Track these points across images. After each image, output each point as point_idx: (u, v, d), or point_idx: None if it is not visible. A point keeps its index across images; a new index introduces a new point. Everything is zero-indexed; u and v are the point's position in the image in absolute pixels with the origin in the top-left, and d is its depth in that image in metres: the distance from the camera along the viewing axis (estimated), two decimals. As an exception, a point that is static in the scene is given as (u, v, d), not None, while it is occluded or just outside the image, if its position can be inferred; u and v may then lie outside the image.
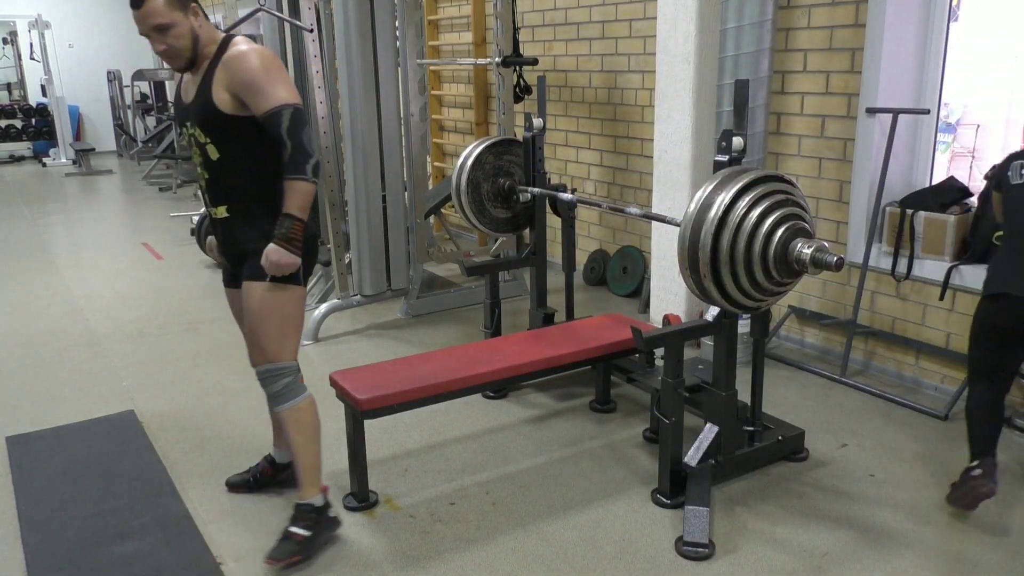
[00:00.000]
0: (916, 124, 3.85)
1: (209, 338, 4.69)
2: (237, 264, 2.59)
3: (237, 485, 2.96)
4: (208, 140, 2.43)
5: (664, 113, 4.14)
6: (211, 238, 2.74)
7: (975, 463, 2.74)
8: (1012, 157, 2.94)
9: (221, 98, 2.36)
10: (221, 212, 2.51)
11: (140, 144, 12.40)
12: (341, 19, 4.43)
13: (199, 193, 2.67)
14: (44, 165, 12.69)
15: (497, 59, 5.06)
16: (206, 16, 2.41)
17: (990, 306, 2.79)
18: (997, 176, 2.98)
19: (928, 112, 3.76)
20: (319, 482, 2.61)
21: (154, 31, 2.32)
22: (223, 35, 2.45)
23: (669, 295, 4.33)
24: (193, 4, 2.35)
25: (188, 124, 2.48)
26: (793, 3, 3.96)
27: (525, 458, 3.20)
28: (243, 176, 2.46)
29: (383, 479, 3.04)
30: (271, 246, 2.37)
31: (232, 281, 2.70)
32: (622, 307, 5.10)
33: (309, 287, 5.33)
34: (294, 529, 2.55)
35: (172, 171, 10.58)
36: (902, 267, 3.72)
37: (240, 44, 2.38)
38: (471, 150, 3.95)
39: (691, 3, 3.87)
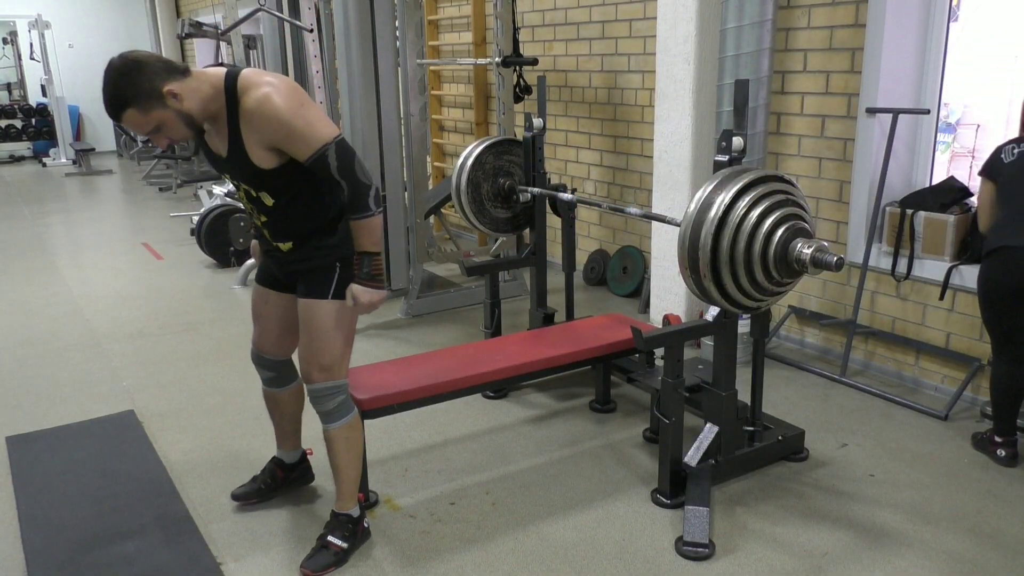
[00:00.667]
0: (916, 124, 3.85)
1: (209, 338, 4.69)
2: (290, 277, 2.52)
3: (247, 496, 2.88)
4: (259, 193, 2.34)
5: (664, 113, 4.14)
6: (255, 242, 2.67)
7: (1001, 440, 3.07)
8: (1001, 146, 3.05)
9: (259, 156, 2.22)
10: (287, 247, 2.44)
11: (140, 144, 12.40)
12: (341, 19, 4.43)
13: (253, 231, 2.56)
14: (44, 165, 12.69)
15: (497, 59, 5.06)
16: (185, 74, 2.16)
17: (992, 263, 2.93)
18: (989, 163, 3.05)
19: (928, 112, 3.76)
20: (357, 495, 2.61)
21: (148, 135, 2.20)
22: (221, 75, 2.20)
23: (669, 295, 4.33)
24: (167, 88, 2.10)
25: (231, 177, 2.38)
26: (793, 3, 3.96)
27: (525, 458, 3.20)
28: (302, 214, 2.37)
29: (383, 479, 3.04)
30: (357, 288, 2.32)
31: (271, 282, 2.61)
32: (622, 307, 5.10)
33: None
34: (332, 539, 2.54)
35: (172, 171, 10.57)
36: (902, 267, 3.72)
37: (254, 88, 2.15)
38: (471, 150, 3.94)
39: (691, 3, 3.88)
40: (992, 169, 3.04)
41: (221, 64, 2.36)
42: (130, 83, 2.08)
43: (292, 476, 2.93)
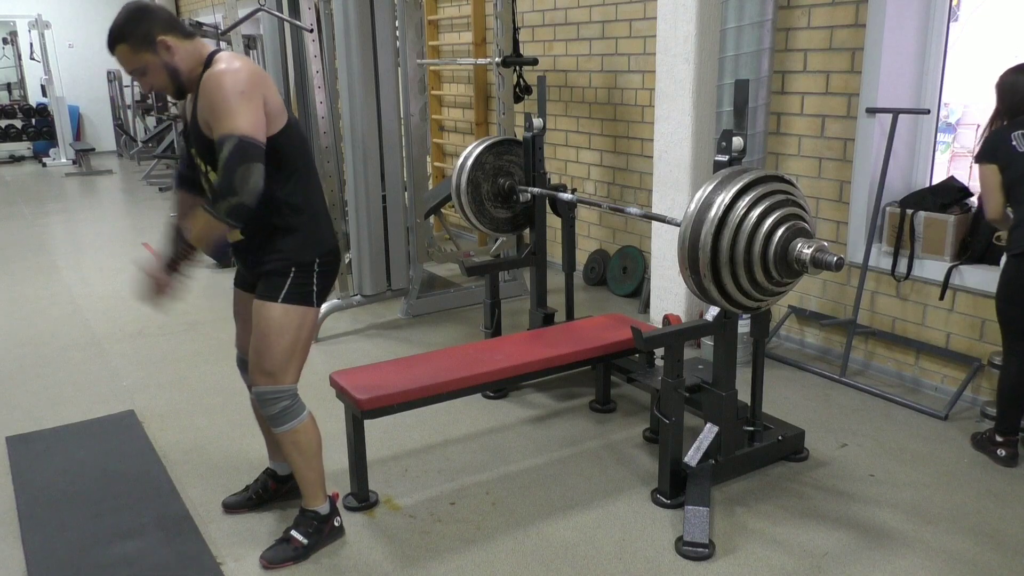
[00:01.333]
0: (916, 124, 3.85)
1: (209, 338, 4.69)
2: (254, 276, 2.52)
3: (237, 505, 2.86)
4: (207, 168, 2.38)
5: (664, 113, 4.14)
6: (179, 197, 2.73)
7: (1002, 439, 3.07)
8: (1008, 128, 2.97)
9: (205, 123, 2.28)
10: (235, 236, 2.45)
11: (140, 144, 12.41)
12: (341, 19, 4.43)
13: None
14: (44, 165, 12.69)
15: (497, 59, 5.06)
16: (188, 37, 2.30)
17: None
18: (994, 148, 2.97)
19: (928, 112, 3.76)
20: (323, 493, 2.60)
21: (132, 74, 2.30)
22: (210, 51, 2.33)
23: (669, 295, 4.33)
24: (162, 39, 2.24)
25: (191, 148, 2.43)
26: (793, 3, 3.96)
27: (525, 458, 3.20)
28: None
29: (383, 479, 3.04)
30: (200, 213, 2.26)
31: (242, 283, 2.65)
32: (622, 307, 5.10)
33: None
34: (294, 534, 2.55)
35: (172, 171, 10.57)
36: (902, 267, 3.72)
37: (219, 63, 2.25)
38: (471, 150, 3.95)
39: (691, 3, 3.88)
40: (999, 155, 2.95)
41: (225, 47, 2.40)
42: (131, 21, 2.23)
43: (285, 488, 2.89)
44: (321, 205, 2.50)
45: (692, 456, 2.85)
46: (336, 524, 2.65)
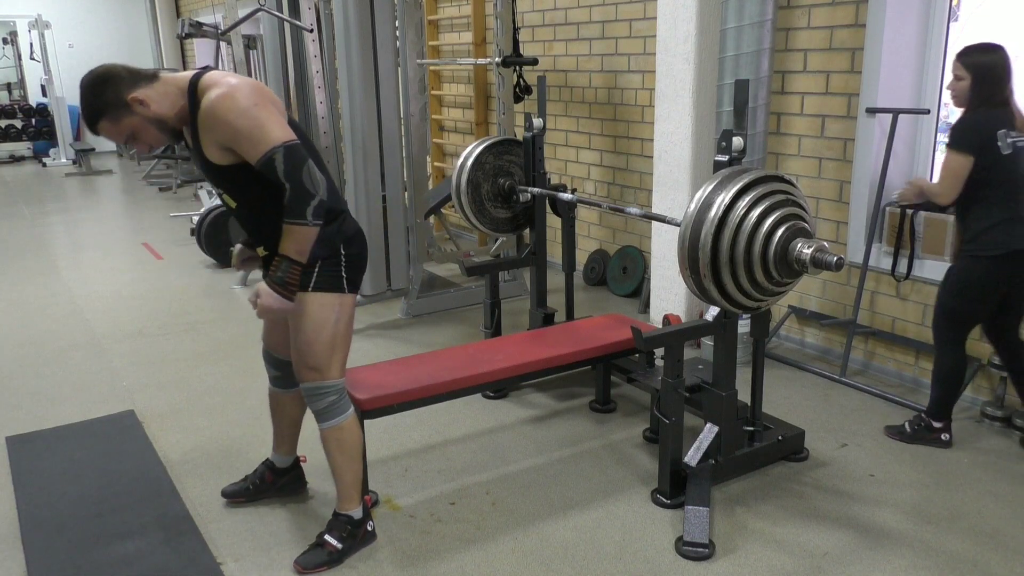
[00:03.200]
0: (916, 124, 3.85)
1: (209, 338, 4.69)
2: None
3: (235, 494, 2.89)
4: (222, 191, 2.38)
5: (664, 113, 4.14)
6: (238, 247, 2.68)
7: (940, 425, 3.21)
8: (989, 123, 2.90)
9: (214, 154, 2.25)
10: (261, 252, 2.48)
11: (140, 144, 12.39)
12: (341, 19, 4.43)
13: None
14: (44, 165, 12.68)
15: (497, 59, 5.06)
16: (153, 78, 2.24)
17: (1004, 263, 2.96)
18: (979, 143, 2.89)
19: (928, 112, 3.76)
20: (359, 496, 2.59)
21: (125, 143, 2.28)
22: (188, 78, 2.25)
23: (669, 295, 4.33)
24: (132, 96, 2.19)
25: (202, 174, 2.41)
26: (793, 3, 3.96)
27: (525, 458, 3.20)
28: (268, 217, 2.32)
29: (383, 479, 3.04)
30: (262, 286, 2.27)
31: None
32: (622, 307, 5.10)
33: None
34: (328, 538, 2.53)
35: (172, 171, 10.58)
36: (902, 267, 3.72)
37: (212, 89, 2.18)
38: (471, 150, 3.94)
39: (691, 3, 3.88)
40: (983, 152, 2.89)
41: (206, 68, 2.34)
42: (97, 96, 2.19)
43: (282, 481, 2.91)
44: (333, 198, 2.40)
45: (692, 456, 2.85)
46: (369, 528, 2.63)
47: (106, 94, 2.19)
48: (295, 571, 2.49)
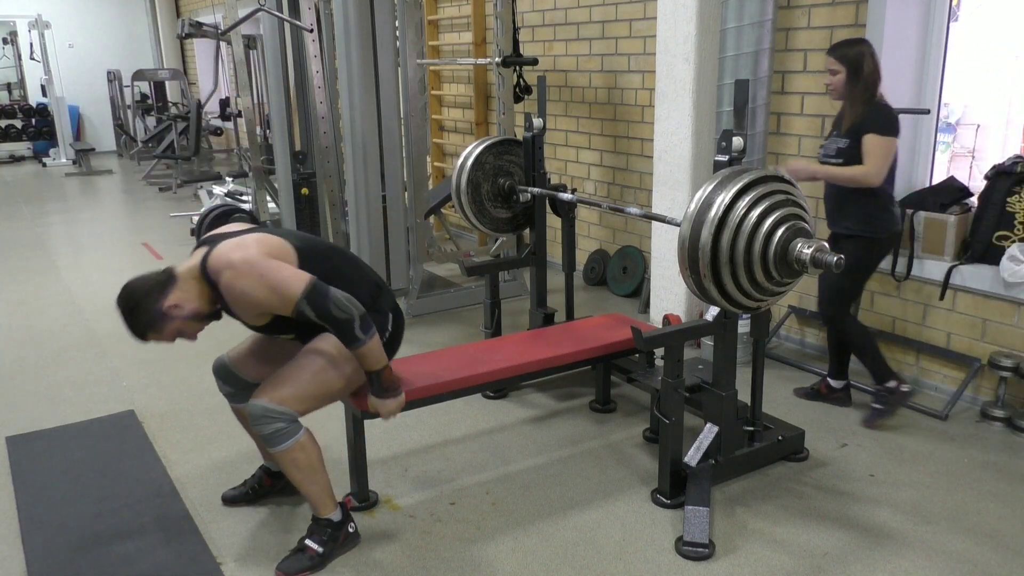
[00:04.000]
0: (916, 124, 3.84)
1: (209, 338, 4.64)
2: None
3: (235, 500, 2.88)
4: (275, 337, 2.68)
5: (664, 113, 4.14)
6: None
7: (841, 386, 3.59)
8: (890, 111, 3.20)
9: (256, 320, 2.48)
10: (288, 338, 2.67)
11: (140, 144, 12.40)
12: (341, 19, 4.43)
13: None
14: (44, 165, 12.68)
15: (497, 59, 5.06)
16: (172, 279, 2.42)
17: (886, 243, 3.34)
18: (897, 125, 3.17)
19: (928, 112, 3.75)
20: (332, 501, 2.56)
21: (175, 340, 2.48)
22: (197, 265, 2.41)
23: (669, 295, 4.33)
24: (167, 306, 2.38)
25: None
26: (793, 3, 3.96)
27: (525, 458, 3.20)
28: (310, 326, 2.47)
29: (383, 479, 3.04)
30: (375, 400, 2.49)
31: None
32: (622, 307, 5.10)
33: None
34: (309, 543, 2.52)
35: (172, 171, 10.58)
36: (902, 267, 3.72)
37: (221, 275, 2.34)
38: (471, 150, 3.94)
39: (691, 3, 3.88)
40: (898, 133, 3.19)
41: (209, 241, 2.49)
42: (137, 317, 2.40)
43: (280, 484, 2.90)
44: (364, 286, 2.57)
45: (692, 456, 2.85)
46: (351, 530, 2.61)
47: (143, 315, 2.39)
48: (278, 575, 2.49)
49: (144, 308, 2.38)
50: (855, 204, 3.24)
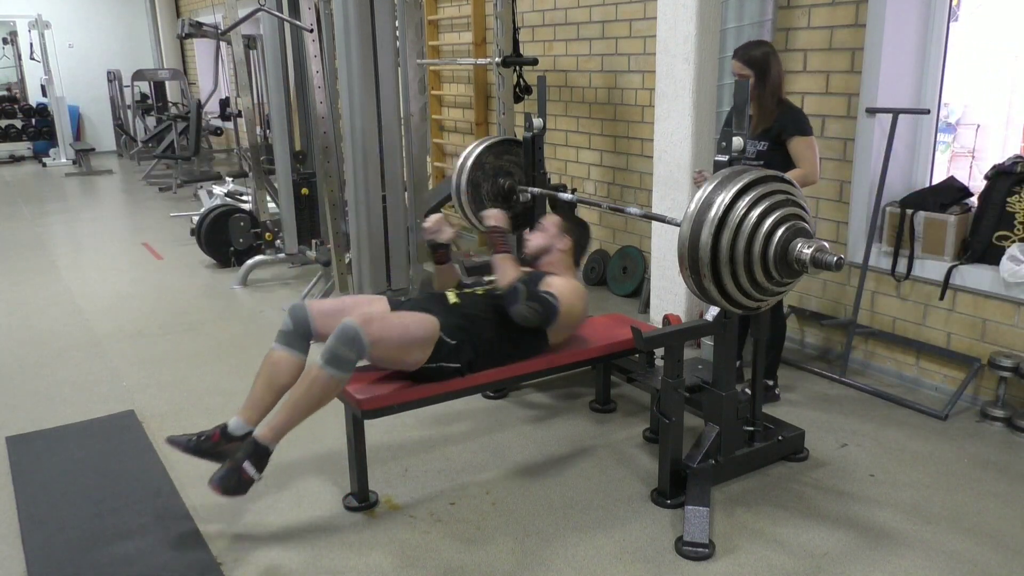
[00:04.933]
0: (916, 124, 3.85)
1: (209, 338, 4.69)
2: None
3: (177, 443, 2.77)
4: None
5: (664, 113, 4.14)
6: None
7: (774, 382, 3.61)
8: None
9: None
10: (453, 296, 3.07)
11: (140, 144, 12.40)
12: (341, 19, 4.42)
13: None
14: (44, 165, 12.68)
15: (497, 59, 5.06)
16: None
17: None
18: (809, 121, 3.34)
19: (928, 112, 3.75)
20: (282, 438, 2.65)
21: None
22: None
23: (669, 295, 4.33)
24: None
25: None
26: (793, 3, 3.96)
27: (525, 458, 3.20)
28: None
29: (383, 479, 3.04)
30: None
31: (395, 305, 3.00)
32: (622, 307, 5.10)
33: (309, 287, 5.34)
34: (247, 467, 2.55)
35: (172, 171, 10.57)
36: (902, 267, 3.73)
37: None
38: (471, 150, 3.94)
39: (691, 3, 3.88)
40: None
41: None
42: None
43: (227, 448, 2.73)
44: (455, 332, 2.82)
45: (692, 456, 2.84)
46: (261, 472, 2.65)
47: None
48: (211, 489, 2.52)
49: None
50: None
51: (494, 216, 3.25)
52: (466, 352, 2.83)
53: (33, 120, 13.59)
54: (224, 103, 11.95)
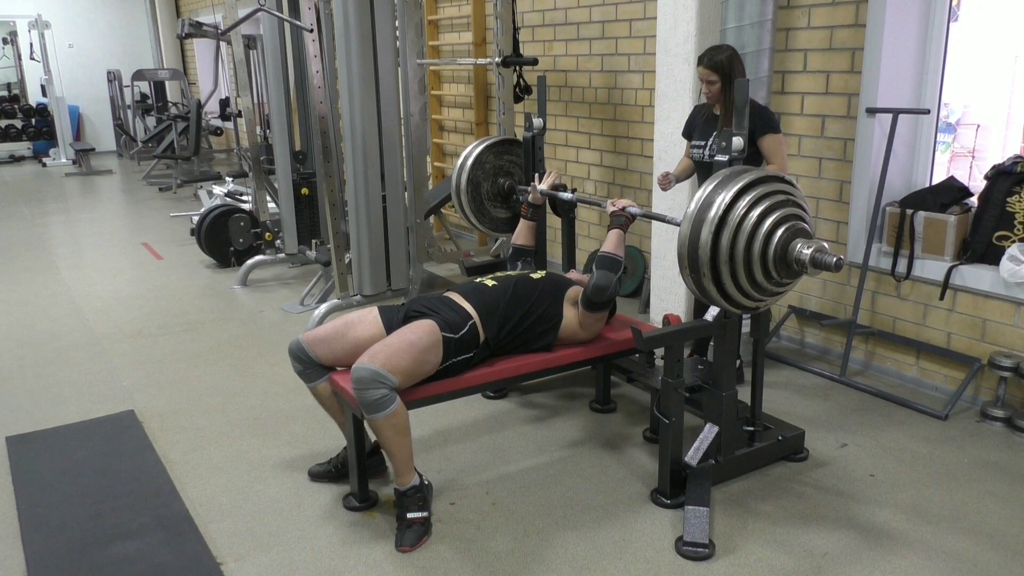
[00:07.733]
0: (916, 124, 3.84)
1: (209, 338, 4.69)
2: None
3: (318, 476, 3.01)
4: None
5: (664, 113, 4.14)
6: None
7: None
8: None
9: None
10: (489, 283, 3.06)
11: (140, 144, 12.40)
12: (341, 19, 4.42)
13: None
14: (44, 165, 12.68)
15: (497, 59, 5.06)
16: None
17: None
18: (778, 119, 3.41)
19: (928, 112, 3.75)
20: (413, 467, 2.70)
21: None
22: None
23: (669, 295, 4.33)
24: None
25: None
26: (793, 3, 3.96)
27: (525, 458, 3.20)
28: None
29: (383, 479, 3.04)
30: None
31: (389, 321, 2.88)
32: (622, 307, 5.10)
33: (309, 287, 5.34)
34: (412, 515, 2.65)
35: (172, 171, 10.57)
36: (902, 267, 3.72)
37: None
38: (471, 150, 3.95)
39: (691, 3, 3.88)
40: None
41: None
42: None
43: (368, 462, 2.93)
44: (487, 317, 2.89)
45: (692, 456, 2.85)
46: (427, 483, 2.79)
47: None
48: (403, 553, 2.57)
49: None
50: None
51: (623, 202, 3.36)
52: (473, 339, 2.83)
53: (33, 120, 13.60)
54: (224, 103, 11.95)
